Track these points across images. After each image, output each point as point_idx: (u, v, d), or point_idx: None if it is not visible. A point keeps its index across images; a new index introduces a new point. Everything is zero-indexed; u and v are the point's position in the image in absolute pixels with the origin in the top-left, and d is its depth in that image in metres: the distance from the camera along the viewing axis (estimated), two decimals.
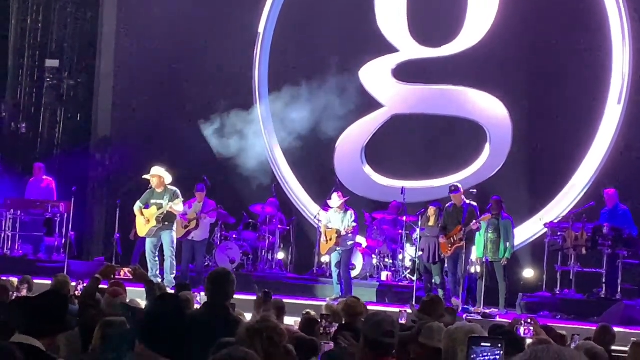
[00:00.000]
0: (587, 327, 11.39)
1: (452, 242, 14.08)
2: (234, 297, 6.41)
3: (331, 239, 14.73)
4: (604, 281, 14.62)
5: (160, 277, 14.10)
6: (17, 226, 17.12)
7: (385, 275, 16.14)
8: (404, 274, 16.20)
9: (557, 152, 16.68)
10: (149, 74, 18.65)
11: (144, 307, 6.87)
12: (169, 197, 14.11)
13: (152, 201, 14.25)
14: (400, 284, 15.90)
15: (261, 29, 18.31)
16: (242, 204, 17.25)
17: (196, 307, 8.34)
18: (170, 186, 14.31)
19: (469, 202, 14.24)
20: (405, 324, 8.19)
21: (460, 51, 17.13)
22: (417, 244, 15.02)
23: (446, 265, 14.50)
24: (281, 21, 18.26)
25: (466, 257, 14.14)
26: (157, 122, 18.39)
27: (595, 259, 14.81)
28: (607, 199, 14.93)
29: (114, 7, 19.54)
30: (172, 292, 10.13)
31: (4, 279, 9.25)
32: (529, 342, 6.83)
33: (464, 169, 17.07)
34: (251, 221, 17.03)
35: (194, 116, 17.96)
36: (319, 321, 7.19)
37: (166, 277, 14.20)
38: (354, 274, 15.65)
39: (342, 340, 6.52)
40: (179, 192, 14.29)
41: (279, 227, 16.79)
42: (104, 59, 19.46)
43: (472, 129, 17.24)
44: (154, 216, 14.12)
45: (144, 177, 14.52)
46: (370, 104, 17.64)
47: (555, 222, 15.66)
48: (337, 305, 9.12)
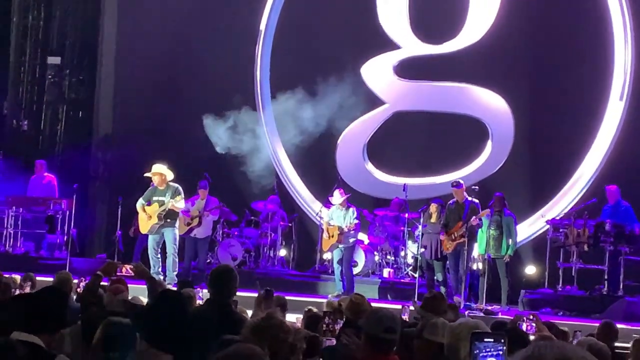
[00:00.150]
0: (589, 324, 11.38)
1: (453, 238, 14.08)
2: (236, 294, 6.42)
3: (333, 236, 14.73)
4: (605, 278, 14.61)
5: (162, 274, 14.08)
6: (19, 223, 17.11)
7: (387, 272, 16.14)
8: (405, 270, 16.20)
9: (559, 148, 16.68)
10: (151, 71, 18.63)
11: (146, 304, 6.87)
12: (170, 194, 14.07)
13: (154, 198, 14.22)
14: (402, 280, 15.89)
15: (262, 27, 18.31)
16: (244, 201, 17.25)
17: (198, 303, 8.36)
18: (172, 183, 14.28)
19: (470, 198, 14.23)
20: (407, 321, 8.19)
21: (462, 48, 17.13)
22: (419, 241, 15.02)
23: (448, 262, 14.51)
24: (282, 18, 18.25)
25: (468, 254, 14.14)
26: (159, 119, 18.37)
27: (597, 255, 14.79)
28: (609, 196, 14.92)
29: (115, 4, 19.57)
30: (174, 289, 10.13)
31: (7, 276, 9.24)
32: (531, 338, 6.82)
33: (465, 165, 17.07)
34: (253, 218, 17.03)
35: (196, 113, 17.92)
36: (323, 318, 7.19)
37: (168, 275, 14.17)
38: (356, 270, 15.65)
39: (345, 337, 6.52)
40: (180, 189, 14.25)
41: (281, 223, 16.78)
42: (106, 56, 19.48)
43: (474, 125, 17.23)
44: (155, 213, 14.09)
45: (146, 174, 14.49)
46: (372, 101, 17.63)
47: (557, 218, 15.65)
48: (339, 301, 9.13)
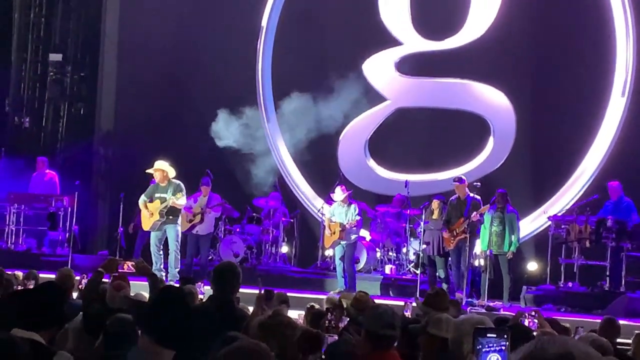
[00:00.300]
0: (591, 320, 11.38)
1: (455, 234, 14.07)
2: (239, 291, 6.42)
3: (335, 233, 14.72)
4: (607, 274, 14.60)
5: (164, 270, 14.07)
6: (21, 220, 17.14)
7: (389, 268, 16.14)
8: (407, 267, 16.20)
9: (560, 145, 16.66)
10: (152, 67, 18.63)
11: (148, 300, 6.87)
12: (172, 190, 14.05)
13: (156, 195, 14.20)
14: (404, 277, 15.89)
15: (264, 23, 18.30)
16: (245, 198, 17.25)
17: (200, 297, 8.37)
18: (173, 180, 14.26)
19: (472, 195, 14.23)
20: (410, 317, 8.19)
21: (463, 44, 17.11)
22: (421, 237, 15.01)
23: (450, 258, 14.51)
24: (284, 15, 18.24)
25: (470, 250, 14.14)
26: (161, 115, 18.36)
27: (599, 251, 14.79)
28: (611, 192, 14.90)
29: (117, 1, 19.55)
30: (176, 285, 10.13)
31: (9, 273, 9.24)
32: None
33: (467, 162, 17.06)
34: (255, 215, 17.02)
35: (198, 110, 17.95)
36: (325, 314, 7.19)
37: (170, 271, 14.16)
38: (358, 267, 15.65)
39: (346, 334, 6.52)
40: (182, 185, 14.23)
41: (283, 220, 16.78)
42: (107, 52, 19.47)
43: (476, 122, 17.22)
44: (157, 210, 14.08)
45: (147, 171, 14.48)
46: (373, 98, 17.61)
47: (559, 215, 15.64)
48: (339, 298, 9.13)
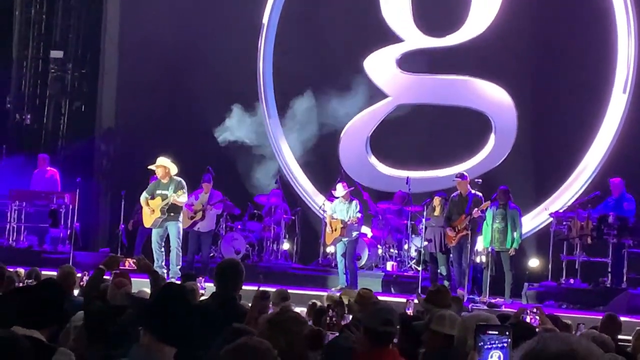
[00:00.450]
0: (593, 317, 11.36)
1: (457, 231, 14.06)
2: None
3: (336, 230, 14.72)
4: (609, 270, 14.60)
5: (166, 267, 14.07)
6: (22, 217, 17.13)
7: (390, 265, 16.14)
8: (409, 264, 16.20)
9: (562, 141, 16.65)
10: (153, 64, 18.62)
11: (149, 297, 6.86)
12: (173, 187, 14.06)
13: (158, 192, 14.21)
14: (405, 274, 15.89)
15: (265, 20, 18.29)
16: (247, 195, 17.25)
17: (201, 292, 8.37)
18: (175, 177, 14.26)
19: (474, 191, 14.22)
20: (412, 314, 8.19)
21: (465, 41, 17.09)
22: (422, 234, 15.01)
23: (451, 255, 14.50)
24: (285, 12, 18.22)
25: (471, 247, 14.13)
26: (162, 112, 18.35)
27: (600, 248, 14.78)
28: (613, 188, 14.89)
29: None
30: (178, 282, 10.13)
31: (11, 270, 9.23)
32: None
33: (469, 158, 17.04)
34: (256, 212, 17.02)
35: (199, 107, 17.94)
36: (326, 311, 7.18)
37: (172, 268, 14.17)
38: (359, 264, 15.65)
39: (346, 331, 6.52)
40: (184, 182, 14.23)
41: (284, 217, 16.77)
42: (108, 49, 19.47)
43: (477, 118, 17.21)
44: (158, 207, 14.08)
45: (149, 167, 14.48)
46: (375, 94, 17.60)
47: (560, 211, 15.64)
48: (340, 295, 9.13)
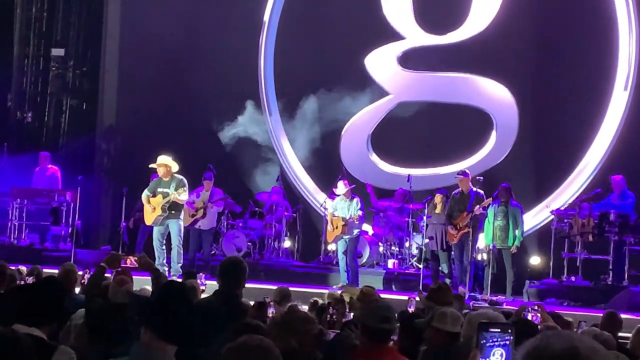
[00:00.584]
0: (594, 314, 11.36)
1: (458, 229, 14.05)
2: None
3: (337, 227, 14.71)
4: (610, 268, 14.61)
5: (167, 265, 14.06)
6: (24, 215, 17.12)
7: (391, 263, 16.13)
8: (410, 261, 16.19)
9: (563, 139, 16.64)
10: (154, 62, 18.62)
11: (150, 294, 6.87)
12: (175, 185, 14.05)
13: (159, 190, 14.20)
14: (406, 271, 15.89)
15: (266, 18, 18.28)
16: (248, 193, 17.25)
17: (202, 289, 8.38)
18: (176, 174, 14.25)
19: (475, 189, 14.20)
20: (414, 312, 8.18)
21: (466, 38, 17.08)
22: (423, 232, 15.00)
23: (453, 252, 14.49)
24: (286, 9, 18.21)
25: (472, 245, 14.12)
26: (163, 110, 18.35)
27: (602, 245, 14.77)
28: (615, 186, 14.89)
29: None
30: (179, 280, 10.13)
31: (13, 268, 9.24)
32: None
33: (470, 156, 17.04)
34: (257, 209, 17.02)
35: (200, 104, 17.94)
36: (327, 309, 7.19)
37: (173, 266, 14.16)
38: (361, 262, 15.65)
39: (346, 329, 6.53)
40: (185, 180, 14.22)
41: (285, 214, 16.77)
42: (109, 47, 19.46)
43: (478, 116, 17.20)
44: (159, 205, 14.07)
45: (151, 166, 14.48)
46: (376, 92, 17.60)
47: (561, 209, 15.64)
48: (341, 293, 9.13)
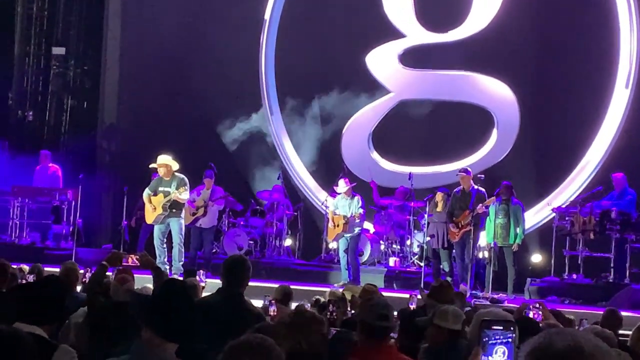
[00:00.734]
0: (595, 312, 11.35)
1: (460, 227, 14.04)
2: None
3: (338, 225, 14.70)
4: (612, 266, 14.59)
5: (168, 264, 14.07)
6: (25, 214, 17.13)
7: (392, 261, 16.13)
8: (411, 259, 16.19)
9: (564, 136, 16.63)
10: (155, 61, 18.61)
11: (152, 293, 6.86)
12: (176, 184, 14.05)
13: (160, 189, 14.20)
14: (408, 269, 15.88)
15: (267, 16, 18.27)
16: (249, 191, 17.25)
17: (202, 286, 8.37)
18: (177, 173, 14.25)
19: (477, 187, 14.19)
20: (414, 309, 8.18)
21: (467, 36, 17.07)
22: (424, 230, 14.99)
23: (454, 251, 14.48)
24: (287, 8, 18.20)
25: (474, 243, 14.10)
26: (164, 108, 18.35)
27: (603, 243, 14.76)
28: (616, 183, 14.87)
29: None
30: (180, 278, 10.13)
31: (14, 266, 9.23)
32: None
33: (471, 154, 17.03)
34: (258, 208, 17.01)
35: (200, 103, 17.94)
36: (327, 307, 7.19)
37: (174, 265, 14.17)
38: (362, 260, 15.64)
39: (346, 329, 6.53)
40: (186, 179, 14.22)
41: (286, 212, 16.77)
42: (110, 46, 19.45)
43: (480, 114, 17.19)
44: (160, 204, 14.07)
45: (151, 166, 14.47)
46: (377, 90, 17.59)
47: (563, 206, 15.62)
48: (342, 291, 9.12)
